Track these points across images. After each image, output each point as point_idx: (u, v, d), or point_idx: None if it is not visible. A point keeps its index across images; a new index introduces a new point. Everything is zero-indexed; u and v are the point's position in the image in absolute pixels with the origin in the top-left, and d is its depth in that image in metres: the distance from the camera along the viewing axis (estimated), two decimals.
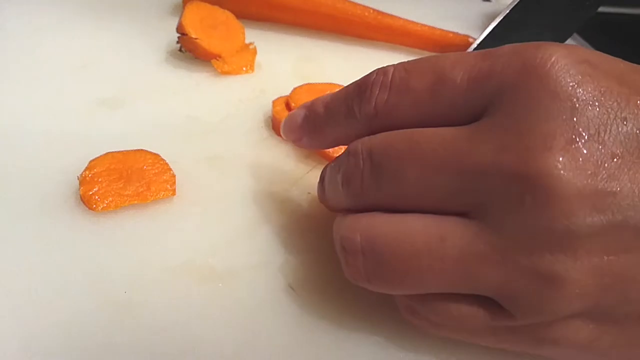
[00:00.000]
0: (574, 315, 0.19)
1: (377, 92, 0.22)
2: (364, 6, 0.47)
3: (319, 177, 0.27)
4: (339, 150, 0.33)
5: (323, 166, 0.27)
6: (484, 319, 0.20)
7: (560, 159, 0.18)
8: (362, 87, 0.23)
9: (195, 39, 0.40)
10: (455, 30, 0.49)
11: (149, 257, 0.27)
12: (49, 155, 0.32)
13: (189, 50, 0.41)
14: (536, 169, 0.18)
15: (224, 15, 0.43)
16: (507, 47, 0.20)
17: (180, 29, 0.41)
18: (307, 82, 0.38)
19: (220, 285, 0.26)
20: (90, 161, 0.30)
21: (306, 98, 0.36)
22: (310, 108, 0.26)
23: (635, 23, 0.67)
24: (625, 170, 0.18)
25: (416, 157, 0.20)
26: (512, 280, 0.19)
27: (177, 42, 0.42)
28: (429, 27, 0.48)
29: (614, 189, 0.18)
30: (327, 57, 0.46)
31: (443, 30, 0.48)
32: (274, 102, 0.37)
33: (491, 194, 0.19)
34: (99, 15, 0.47)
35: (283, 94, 0.37)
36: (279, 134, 0.36)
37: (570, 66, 0.19)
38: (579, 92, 0.18)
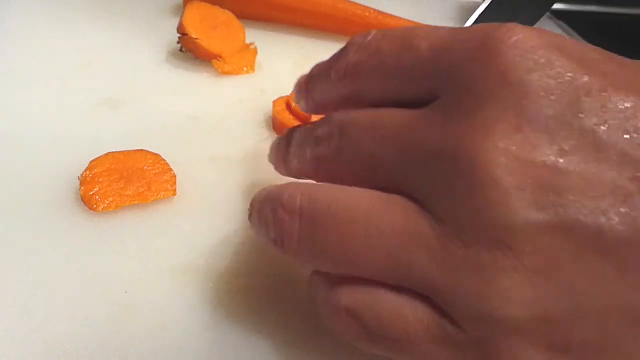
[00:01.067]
0: (522, 333, 0.17)
1: (352, 53, 0.22)
2: (364, 6, 0.47)
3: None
4: None
5: None
6: (420, 322, 0.18)
7: (500, 145, 0.16)
8: (343, 48, 0.23)
9: (196, 39, 0.40)
10: None
11: (149, 257, 0.27)
12: (49, 155, 0.32)
13: (190, 50, 0.41)
14: (472, 154, 0.16)
15: (225, 15, 0.43)
16: (478, 25, 0.19)
17: (180, 29, 0.41)
18: None
19: (220, 285, 0.26)
20: (91, 161, 0.30)
21: None
22: (311, 69, 0.26)
23: (635, 23, 0.67)
24: (575, 167, 0.16)
25: (375, 130, 0.20)
26: (449, 276, 0.17)
27: (178, 42, 0.42)
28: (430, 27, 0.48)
29: (560, 187, 0.16)
30: (327, 57, 0.46)
31: None
32: (274, 102, 0.37)
33: (433, 177, 0.18)
34: (100, 15, 0.47)
35: (283, 94, 0.37)
36: (279, 134, 0.36)
37: (530, 49, 0.17)
38: (533, 77, 0.17)
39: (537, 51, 0.17)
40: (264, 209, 0.21)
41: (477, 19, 0.43)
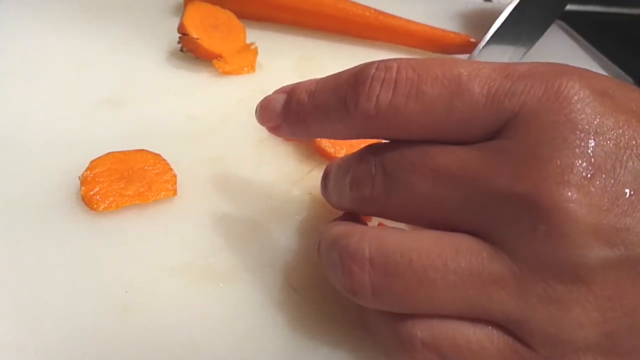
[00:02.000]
0: (588, 348, 0.19)
1: (378, 89, 0.21)
2: (364, 6, 0.47)
3: (320, 177, 0.26)
4: (341, 150, 0.33)
5: (324, 166, 0.27)
6: (496, 348, 0.19)
7: (576, 193, 0.18)
8: (358, 80, 0.21)
9: (197, 39, 0.40)
10: (456, 30, 0.49)
11: (150, 257, 0.27)
12: (50, 156, 0.32)
13: (190, 50, 0.41)
14: (551, 201, 0.18)
15: (225, 15, 0.43)
16: (527, 65, 0.20)
17: (181, 29, 0.41)
18: None
19: (221, 285, 0.26)
20: (92, 161, 0.30)
21: None
22: (291, 95, 0.24)
23: (635, 23, 0.67)
24: (639, 206, 0.18)
25: (429, 170, 0.20)
26: (526, 307, 0.19)
27: (178, 42, 0.42)
28: (430, 27, 0.48)
29: (627, 225, 0.18)
30: (328, 57, 0.46)
31: (444, 30, 0.48)
32: None
33: (505, 218, 0.19)
34: (100, 16, 0.47)
35: None
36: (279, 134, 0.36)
37: (591, 97, 0.19)
38: (598, 124, 0.18)
39: (597, 99, 0.19)
40: (331, 255, 0.21)
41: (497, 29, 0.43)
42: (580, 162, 0.18)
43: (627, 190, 0.18)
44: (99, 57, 0.42)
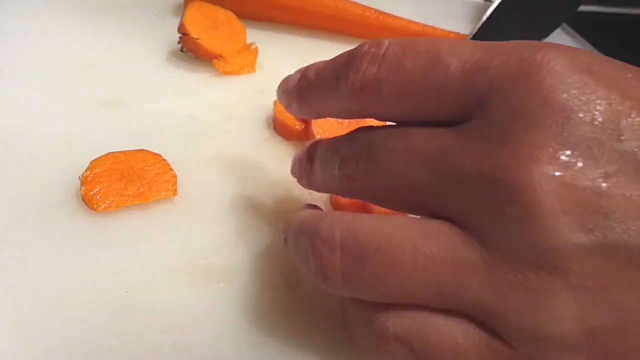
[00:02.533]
0: (571, 346, 0.17)
1: (365, 64, 0.21)
2: (365, 6, 0.47)
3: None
4: None
5: None
6: (470, 344, 0.18)
7: (547, 171, 0.17)
8: (352, 56, 0.22)
9: (197, 39, 0.40)
10: (457, 30, 0.49)
11: (150, 257, 0.27)
12: (50, 156, 0.32)
13: (190, 51, 0.41)
14: (519, 180, 0.17)
15: (226, 16, 0.43)
16: (508, 43, 0.19)
17: (181, 29, 0.41)
18: None
19: (221, 285, 0.26)
20: (92, 161, 0.30)
21: None
22: (303, 72, 0.25)
23: (635, 23, 0.67)
24: (619, 190, 0.16)
25: (404, 151, 0.20)
26: (500, 295, 0.18)
27: (179, 42, 0.42)
28: (430, 26, 0.48)
29: (605, 209, 0.16)
30: (328, 57, 0.45)
31: (444, 30, 0.48)
32: (275, 102, 0.37)
33: (474, 201, 0.18)
34: (100, 16, 0.47)
35: None
36: (280, 134, 0.36)
37: (568, 73, 0.18)
38: (574, 102, 0.17)
39: (575, 75, 0.18)
40: (301, 240, 0.21)
41: (486, 20, 0.42)
42: (552, 140, 0.17)
43: (605, 173, 0.17)
44: (99, 57, 0.42)
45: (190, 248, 0.28)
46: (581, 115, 0.17)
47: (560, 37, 0.55)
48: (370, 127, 0.22)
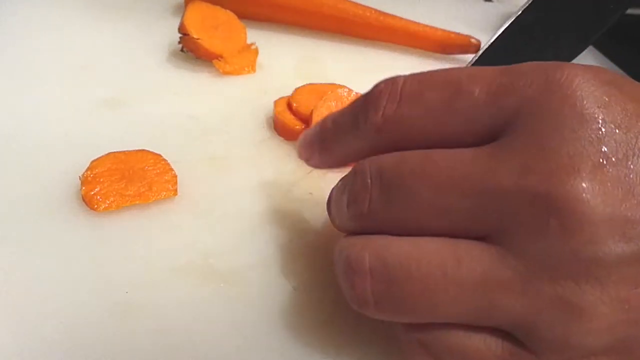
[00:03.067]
0: (598, 352, 0.18)
1: (384, 101, 0.21)
2: (365, 6, 0.47)
3: (320, 178, 0.26)
4: None
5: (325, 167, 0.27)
6: (501, 355, 0.19)
7: (588, 182, 0.17)
8: (369, 96, 0.22)
9: (197, 39, 0.40)
10: (457, 30, 0.49)
11: (150, 258, 0.27)
12: (50, 156, 0.32)
13: (191, 51, 0.41)
14: (563, 192, 0.17)
15: (226, 16, 0.43)
16: (527, 64, 0.20)
17: (181, 29, 0.41)
18: (308, 82, 0.38)
19: (221, 285, 0.26)
20: (92, 161, 0.30)
21: (308, 98, 0.36)
22: (321, 123, 0.25)
23: (635, 23, 0.67)
24: None
25: (431, 176, 0.19)
26: (533, 310, 0.18)
27: (179, 42, 0.42)
28: (431, 27, 0.48)
29: None
30: (328, 57, 0.46)
31: (445, 30, 0.48)
32: (275, 102, 0.37)
33: (513, 217, 0.18)
34: (101, 16, 0.47)
35: (285, 95, 0.37)
36: (280, 135, 0.36)
37: (595, 87, 0.18)
38: (606, 114, 0.18)
39: (602, 88, 0.18)
40: (339, 265, 0.21)
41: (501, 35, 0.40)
42: (590, 151, 0.17)
43: None
44: (99, 57, 0.42)
45: (191, 248, 0.28)
46: (614, 126, 0.18)
47: None
48: (377, 156, 0.21)
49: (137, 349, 0.23)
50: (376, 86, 0.22)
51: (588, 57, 0.52)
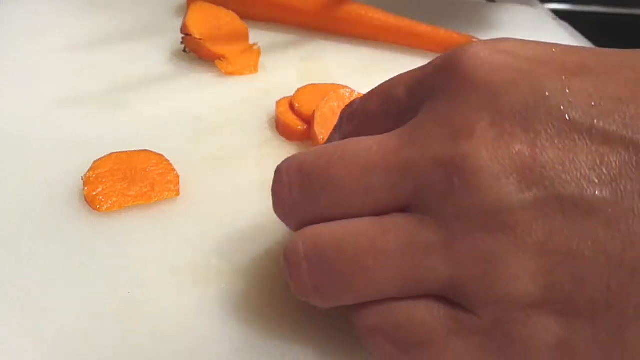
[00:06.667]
0: (534, 305, 0.18)
1: (345, 123, 0.24)
2: (369, 7, 0.47)
3: None
4: None
5: None
6: (436, 320, 0.19)
7: (483, 139, 0.18)
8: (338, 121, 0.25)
9: (199, 39, 0.40)
10: (459, 30, 0.49)
11: (152, 258, 0.27)
12: (52, 156, 0.32)
13: (193, 51, 0.42)
14: (460, 152, 0.18)
15: (228, 16, 0.43)
16: (439, 57, 0.21)
17: (184, 30, 0.41)
18: (311, 83, 0.38)
19: (223, 285, 0.26)
20: (94, 161, 0.30)
21: (310, 99, 0.36)
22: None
23: (635, 23, 0.67)
24: (551, 143, 0.18)
25: (344, 161, 0.20)
26: (457, 267, 0.18)
27: (181, 43, 0.42)
28: (433, 27, 0.48)
29: (542, 162, 0.18)
30: (331, 58, 0.46)
31: (447, 30, 0.48)
32: (277, 102, 0.37)
33: (424, 184, 0.19)
34: (102, 16, 0.47)
35: (287, 95, 0.37)
36: (282, 135, 0.36)
37: (485, 57, 0.19)
38: (495, 77, 0.19)
39: (492, 56, 0.19)
40: (282, 261, 0.22)
41: None
42: (483, 113, 0.18)
43: (536, 130, 0.18)
44: (101, 57, 0.42)
45: (193, 249, 0.28)
46: (505, 86, 0.19)
47: (562, 36, 0.55)
48: (292, 156, 0.22)
49: (139, 348, 0.23)
50: (342, 110, 0.25)
51: None
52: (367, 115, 0.23)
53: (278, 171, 0.22)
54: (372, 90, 0.24)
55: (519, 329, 0.18)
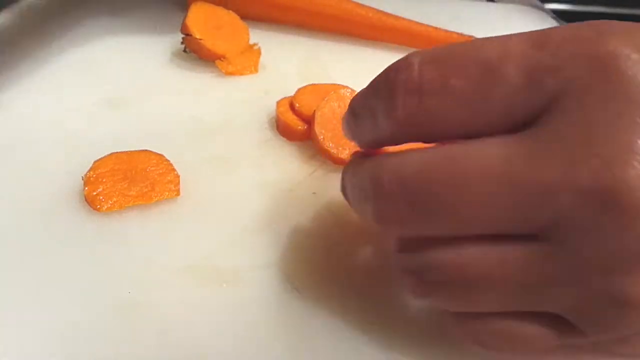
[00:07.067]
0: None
1: (402, 94, 0.19)
2: (368, 7, 0.47)
3: (322, 177, 0.26)
4: (344, 150, 0.33)
5: (327, 167, 0.27)
6: (551, 338, 0.19)
7: None
8: (384, 86, 0.20)
9: (200, 39, 0.40)
10: (459, 30, 0.49)
11: (153, 258, 0.27)
12: (53, 156, 0.32)
13: (193, 51, 0.42)
14: (615, 184, 0.16)
15: (229, 16, 0.43)
16: (560, 33, 0.18)
17: (184, 30, 0.41)
18: (311, 82, 0.38)
19: (224, 285, 0.26)
20: (95, 162, 0.30)
21: (310, 99, 0.36)
22: (347, 111, 0.23)
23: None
24: None
25: (463, 185, 0.18)
26: (584, 300, 0.17)
27: (182, 43, 0.42)
28: (433, 27, 0.48)
29: None
30: (331, 57, 0.46)
31: (447, 31, 0.48)
32: (278, 102, 0.37)
33: (562, 214, 0.17)
34: (103, 16, 0.47)
35: (287, 95, 0.37)
36: (282, 135, 0.36)
37: None
38: None
39: None
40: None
41: None
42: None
43: None
44: (102, 57, 0.42)
45: (193, 249, 0.28)
46: None
47: None
48: (390, 161, 0.19)
49: (140, 348, 0.23)
50: (388, 74, 0.20)
51: None
52: (446, 90, 0.18)
53: (377, 178, 0.19)
54: (445, 55, 0.19)
55: (628, 345, 0.19)
